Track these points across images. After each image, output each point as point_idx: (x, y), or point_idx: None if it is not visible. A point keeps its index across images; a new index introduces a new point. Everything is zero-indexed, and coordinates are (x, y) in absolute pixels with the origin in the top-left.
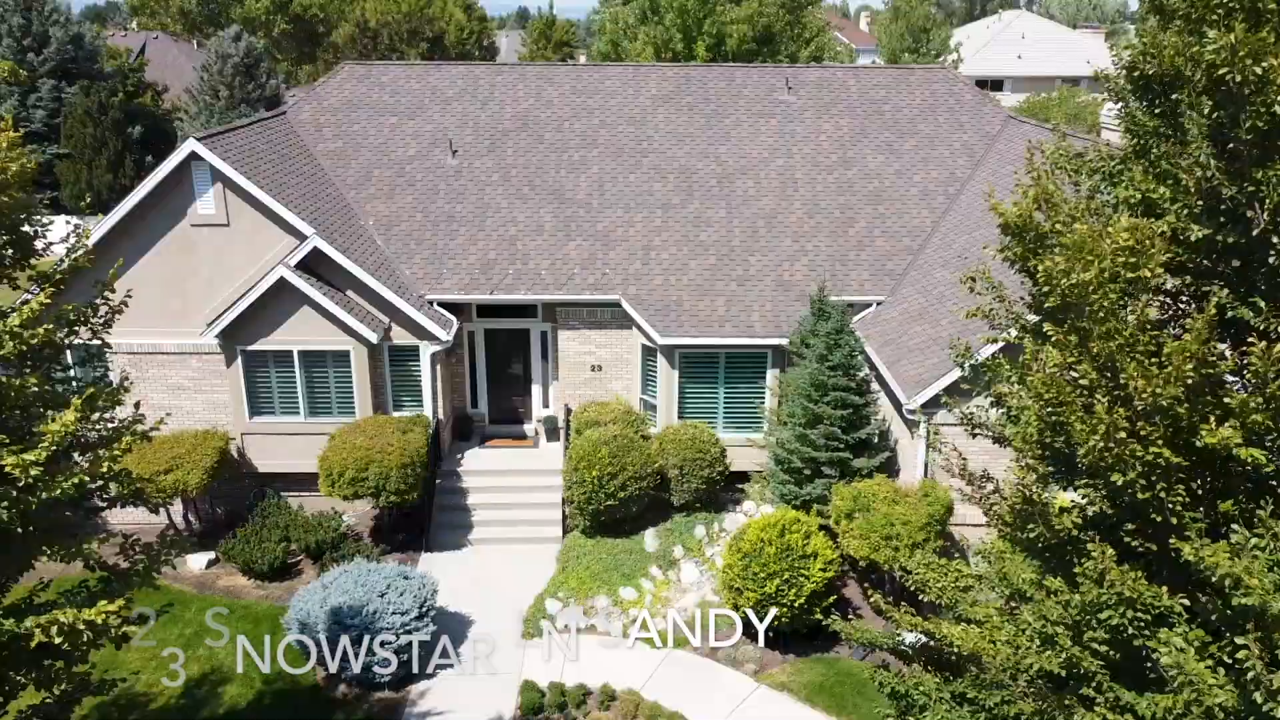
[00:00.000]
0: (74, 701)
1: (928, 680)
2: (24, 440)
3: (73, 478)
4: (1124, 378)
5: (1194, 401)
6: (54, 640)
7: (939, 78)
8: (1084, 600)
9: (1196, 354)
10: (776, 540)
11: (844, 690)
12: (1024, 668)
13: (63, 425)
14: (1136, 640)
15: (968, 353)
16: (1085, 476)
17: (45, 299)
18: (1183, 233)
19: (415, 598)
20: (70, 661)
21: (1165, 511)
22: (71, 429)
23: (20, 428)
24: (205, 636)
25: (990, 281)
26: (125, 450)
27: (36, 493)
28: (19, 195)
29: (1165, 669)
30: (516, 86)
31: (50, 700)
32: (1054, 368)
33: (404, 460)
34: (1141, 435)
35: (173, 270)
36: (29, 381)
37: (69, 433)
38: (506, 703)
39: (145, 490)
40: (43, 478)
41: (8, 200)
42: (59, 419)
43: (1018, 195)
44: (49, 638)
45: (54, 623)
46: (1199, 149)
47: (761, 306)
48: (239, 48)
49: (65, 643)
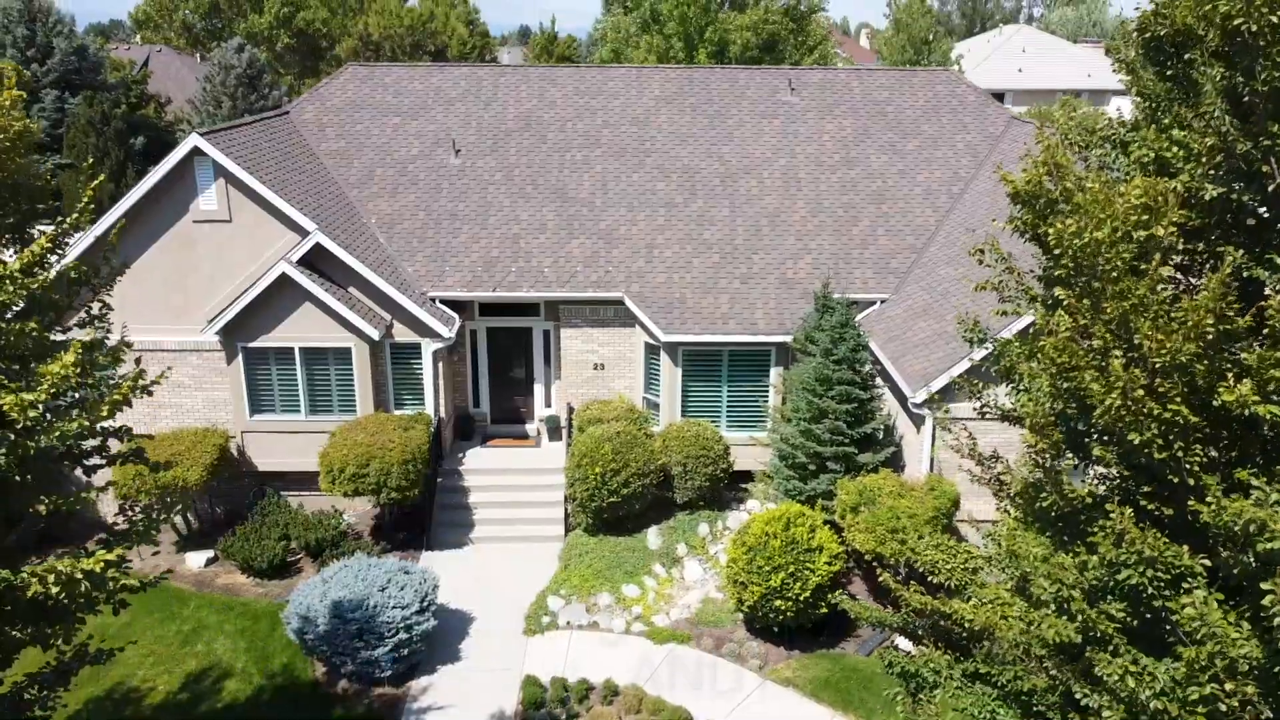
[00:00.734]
0: (70, 671)
1: (938, 658)
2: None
3: (72, 423)
4: (1138, 338)
5: (1211, 359)
6: (50, 591)
7: (942, 80)
8: (1102, 561)
9: (1214, 308)
10: (781, 533)
11: (850, 685)
12: (1037, 637)
13: (62, 367)
14: (1156, 601)
15: (976, 328)
16: (1100, 441)
17: (46, 243)
18: (1196, 192)
19: (416, 592)
20: (69, 620)
21: (1183, 472)
22: (70, 372)
23: (20, 373)
24: (203, 633)
25: (999, 253)
26: (124, 397)
27: (35, 437)
28: (20, 160)
29: (1188, 622)
30: (520, 87)
31: (47, 670)
32: (1066, 332)
33: (405, 456)
34: (1159, 393)
35: (174, 267)
36: (29, 326)
37: (67, 375)
38: (508, 698)
39: (144, 450)
40: (41, 421)
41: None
42: (58, 359)
43: (1026, 165)
44: (46, 589)
45: (51, 571)
46: (1213, 104)
47: (765, 304)
48: (242, 59)
49: (63, 594)
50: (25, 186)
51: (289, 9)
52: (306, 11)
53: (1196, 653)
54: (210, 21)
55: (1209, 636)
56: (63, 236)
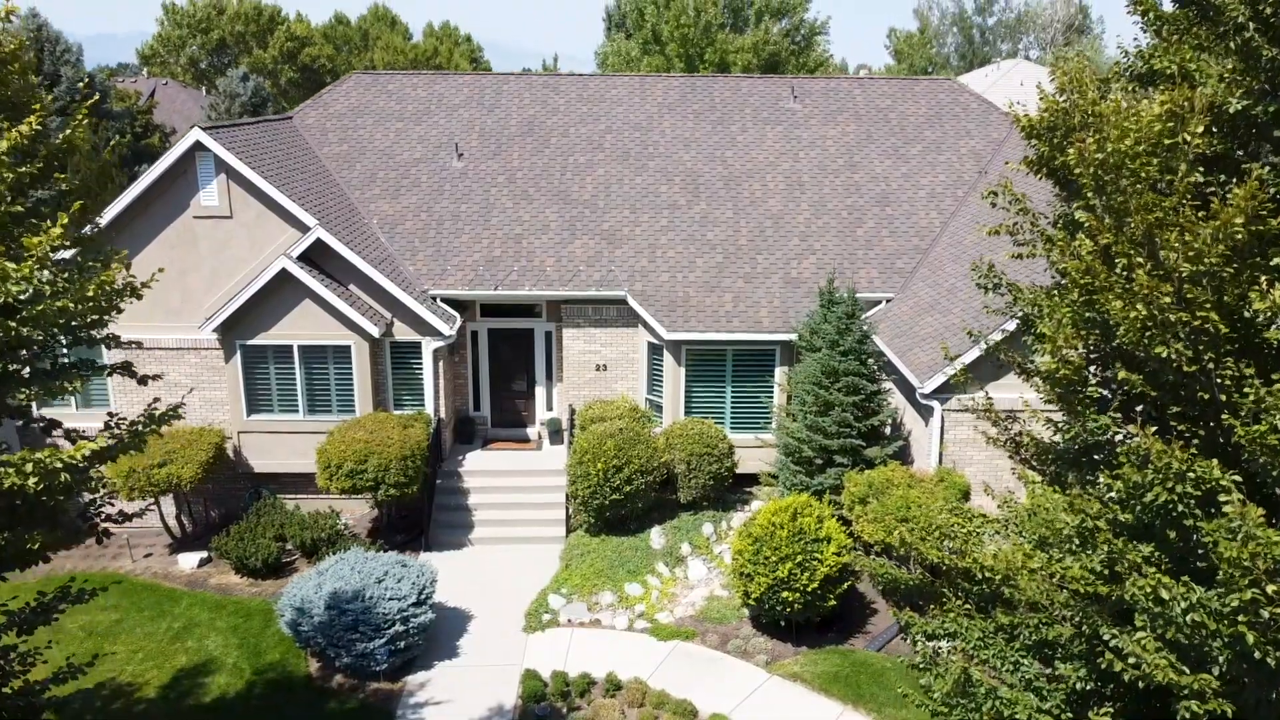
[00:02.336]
0: (50, 610)
1: (958, 611)
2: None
3: (56, 302)
4: (1164, 252)
5: (1242, 264)
6: (28, 483)
7: (944, 88)
8: (1127, 485)
9: (1245, 208)
10: (788, 524)
11: (861, 679)
12: (1059, 587)
13: (48, 239)
14: (1187, 520)
15: (991, 272)
16: (1125, 364)
17: (36, 123)
18: (1221, 105)
19: (414, 585)
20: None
21: (1213, 388)
22: (56, 243)
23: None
24: (195, 630)
25: (1013, 194)
26: (111, 283)
27: (17, 314)
28: (17, 78)
29: (1221, 531)
30: (523, 94)
31: (28, 609)
32: (1090, 255)
33: (404, 452)
34: (1187, 299)
35: (173, 263)
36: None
37: (55, 247)
38: (508, 693)
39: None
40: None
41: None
42: (45, 232)
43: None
44: (23, 480)
45: (29, 461)
46: (1236, 11)
47: (770, 302)
48: (247, 87)
49: (40, 485)
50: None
51: (293, 44)
52: (311, 48)
53: (1236, 551)
54: (217, 58)
55: (1249, 538)
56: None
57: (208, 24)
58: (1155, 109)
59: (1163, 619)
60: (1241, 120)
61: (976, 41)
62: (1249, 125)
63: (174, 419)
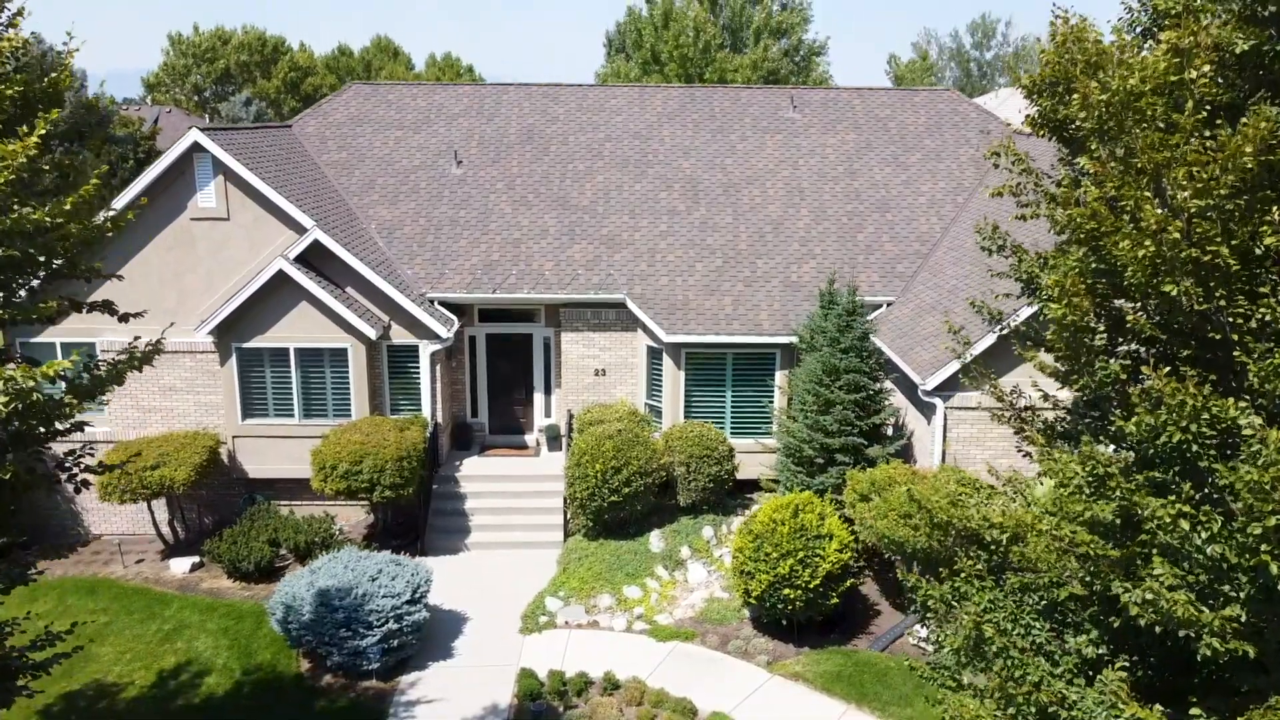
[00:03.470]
0: (30, 565)
1: (969, 571)
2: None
3: (12, 215)
4: (1172, 190)
5: (1252, 197)
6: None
7: (943, 98)
8: (1140, 427)
9: (1255, 137)
10: (790, 520)
11: (864, 678)
12: (1069, 535)
13: (23, 147)
14: (1202, 462)
15: (996, 233)
16: (1134, 305)
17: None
18: (1227, 45)
19: (408, 583)
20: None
21: (1225, 327)
22: (23, 159)
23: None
24: (184, 631)
25: (1015, 154)
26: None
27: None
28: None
29: (1246, 442)
30: (522, 104)
31: (4, 567)
32: (1095, 202)
33: (400, 454)
34: (1197, 234)
35: (170, 265)
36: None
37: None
38: (503, 692)
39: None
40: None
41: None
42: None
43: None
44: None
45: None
46: None
47: (770, 305)
48: (250, 111)
49: (14, 405)
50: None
51: (296, 74)
52: (314, 78)
53: (1259, 475)
54: (221, 87)
55: (1270, 463)
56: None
57: (213, 54)
58: (1163, 45)
59: (1182, 554)
60: (1250, 61)
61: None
62: (1257, 67)
63: (155, 355)
